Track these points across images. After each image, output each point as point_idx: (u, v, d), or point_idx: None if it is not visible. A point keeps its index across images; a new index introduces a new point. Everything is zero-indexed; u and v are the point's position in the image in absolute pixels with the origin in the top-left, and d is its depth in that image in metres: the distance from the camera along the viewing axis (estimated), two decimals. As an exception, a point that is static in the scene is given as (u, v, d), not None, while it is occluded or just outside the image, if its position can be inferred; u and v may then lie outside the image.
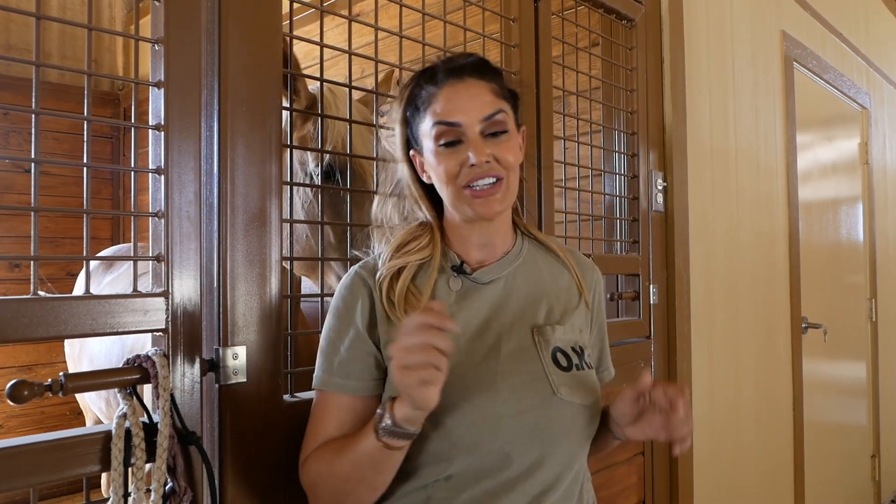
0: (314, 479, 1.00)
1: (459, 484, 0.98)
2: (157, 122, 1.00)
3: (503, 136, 1.02)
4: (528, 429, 0.99)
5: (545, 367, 1.03)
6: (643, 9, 2.01)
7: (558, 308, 1.11)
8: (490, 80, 1.04)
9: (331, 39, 1.29)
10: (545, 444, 1.00)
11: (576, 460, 1.05)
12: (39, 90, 0.91)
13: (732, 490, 2.39)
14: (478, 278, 1.08)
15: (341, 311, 1.05)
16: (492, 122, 1.01)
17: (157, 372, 0.95)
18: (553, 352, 1.05)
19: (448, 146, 1.01)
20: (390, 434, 0.89)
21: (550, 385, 1.01)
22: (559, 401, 1.01)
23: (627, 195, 1.97)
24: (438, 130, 1.01)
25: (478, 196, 1.00)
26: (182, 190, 1.01)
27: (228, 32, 1.05)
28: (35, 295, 0.88)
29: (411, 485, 1.00)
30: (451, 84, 1.02)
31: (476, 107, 1.01)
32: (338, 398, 1.02)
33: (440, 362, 0.82)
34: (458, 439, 0.97)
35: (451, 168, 1.00)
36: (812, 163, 3.23)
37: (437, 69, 1.04)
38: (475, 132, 1.00)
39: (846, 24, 3.60)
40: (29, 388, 0.84)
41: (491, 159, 1.00)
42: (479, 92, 1.02)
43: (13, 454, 0.86)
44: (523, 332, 1.05)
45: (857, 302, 3.73)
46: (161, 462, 0.94)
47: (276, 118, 1.12)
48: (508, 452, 0.98)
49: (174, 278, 0.99)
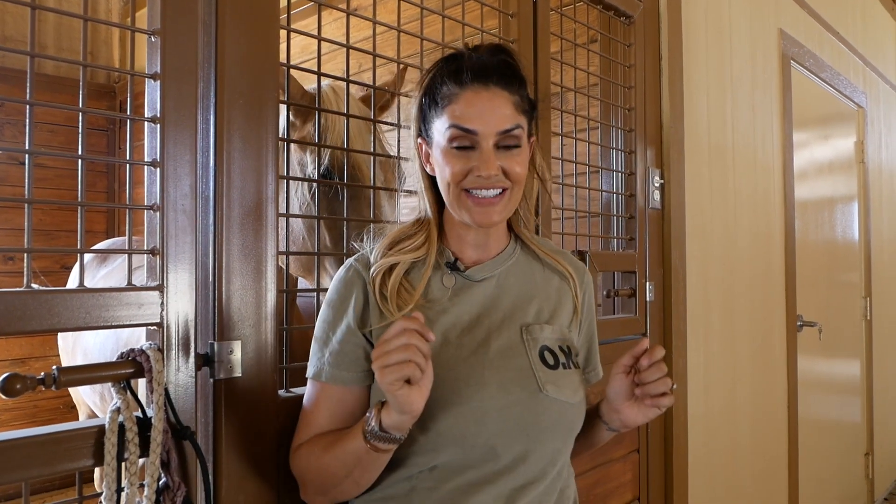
0: (303, 470, 1.02)
1: (444, 475, 1.00)
2: (154, 115, 0.99)
3: (515, 150, 1.03)
4: (513, 423, 1.00)
5: (532, 365, 1.04)
6: (641, 5, 2.01)
7: (548, 308, 1.12)
8: (514, 92, 1.03)
9: (328, 33, 1.28)
10: (530, 438, 1.01)
11: (559, 456, 1.07)
12: (35, 82, 0.90)
13: (727, 487, 2.40)
14: (471, 276, 1.09)
15: (335, 303, 1.06)
16: (508, 136, 1.01)
17: (151, 366, 0.95)
18: (541, 350, 1.06)
19: (460, 149, 1.01)
20: (377, 438, 0.91)
21: (537, 382, 1.03)
22: (545, 397, 1.02)
23: (624, 192, 1.97)
24: (453, 133, 1.01)
25: (479, 204, 1.01)
26: (178, 183, 1.00)
27: (225, 24, 1.04)
28: (29, 288, 0.88)
29: (397, 475, 1.01)
30: (475, 89, 1.01)
31: (495, 119, 1.00)
32: (329, 388, 1.03)
33: (421, 362, 0.85)
34: (445, 431, 0.98)
35: (458, 171, 1.01)
36: (808, 161, 3.24)
37: (463, 66, 1.02)
38: (489, 144, 1.00)
39: (843, 23, 3.60)
40: (21, 381, 0.83)
41: (499, 172, 1.00)
42: (501, 104, 1.01)
43: (5, 448, 0.85)
44: (513, 330, 1.07)
45: (852, 300, 3.74)
46: (155, 457, 0.93)
47: (273, 111, 1.11)
48: (493, 446, 0.99)
49: (169, 272, 0.99)
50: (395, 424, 0.90)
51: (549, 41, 1.68)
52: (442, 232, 1.11)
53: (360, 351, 1.03)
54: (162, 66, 0.99)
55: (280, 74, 1.15)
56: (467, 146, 1.01)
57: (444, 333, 1.04)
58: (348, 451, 0.95)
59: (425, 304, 1.05)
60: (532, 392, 1.02)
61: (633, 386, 1.06)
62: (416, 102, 1.08)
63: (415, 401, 0.86)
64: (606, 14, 1.93)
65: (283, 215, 1.17)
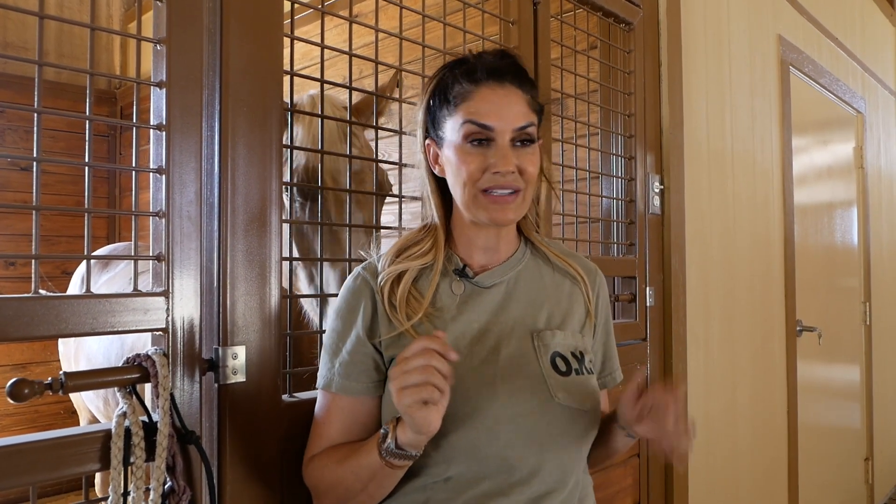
0: (317, 482, 1.02)
1: (459, 486, 0.99)
2: (159, 122, 1.00)
3: (530, 147, 1.02)
4: (525, 433, 0.99)
5: (543, 372, 1.03)
6: (641, 12, 2.02)
7: (559, 313, 1.10)
8: (527, 91, 1.04)
9: (330, 40, 1.29)
10: (543, 448, 1.00)
11: (575, 465, 1.06)
12: (37, 88, 0.91)
13: (727, 491, 2.40)
14: (480, 282, 1.07)
15: (344, 313, 1.05)
16: (523, 132, 1.01)
17: (156, 371, 0.95)
18: (552, 356, 1.05)
19: (476, 146, 1.00)
20: (392, 455, 0.91)
21: (548, 389, 1.02)
22: (557, 405, 1.01)
23: (624, 198, 1.98)
24: (469, 129, 1.00)
25: (495, 202, 1.00)
26: (183, 189, 1.01)
27: (230, 33, 1.05)
28: (36, 293, 0.89)
29: (411, 485, 1.01)
30: (490, 86, 1.01)
31: (512, 115, 1.00)
32: (340, 399, 1.03)
33: (440, 384, 0.83)
34: (456, 442, 0.97)
35: (475, 170, 0.99)
36: (807, 166, 3.25)
37: (476, 66, 1.03)
38: (506, 140, 1.00)
39: (842, 29, 3.62)
40: (29, 386, 0.84)
41: (515, 170, 1.00)
42: (517, 100, 1.02)
43: (12, 452, 0.86)
44: (523, 337, 1.05)
45: (852, 305, 3.75)
46: (160, 461, 0.94)
47: (276, 119, 1.12)
48: (506, 456, 0.98)
49: (174, 278, 1.00)
50: (411, 443, 0.89)
51: (549, 48, 1.69)
52: (449, 237, 1.10)
53: (370, 361, 1.03)
54: (167, 74, 1.00)
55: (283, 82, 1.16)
56: (483, 142, 1.00)
57: (453, 342, 1.02)
58: (363, 466, 0.94)
59: (434, 313, 1.04)
60: (543, 400, 1.01)
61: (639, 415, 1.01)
62: (422, 105, 1.07)
63: (433, 421, 0.85)
64: (606, 21, 1.95)
65: (287, 221, 1.17)
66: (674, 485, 2.05)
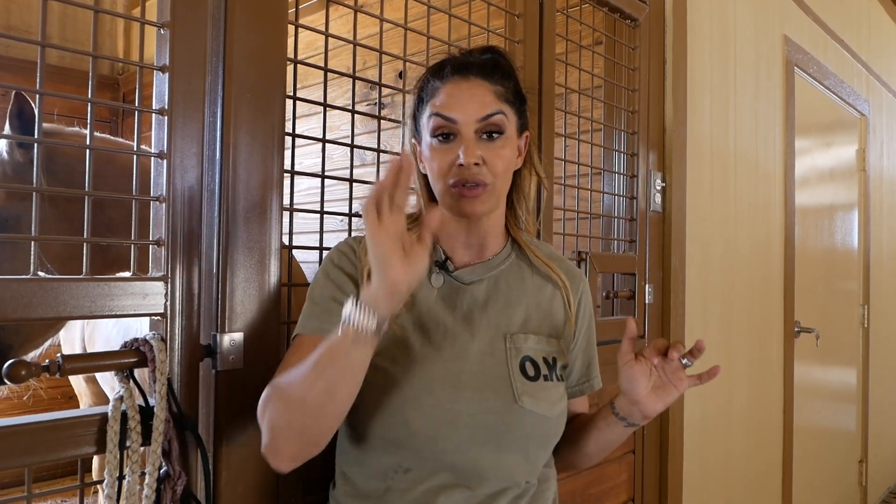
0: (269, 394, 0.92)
1: (418, 476, 1.00)
2: (161, 107, 1.00)
3: (498, 138, 1.02)
4: (485, 430, 1.00)
5: (510, 374, 1.03)
6: (647, 9, 2.02)
7: (537, 317, 1.11)
8: (496, 83, 1.04)
9: (334, 30, 1.29)
10: (501, 447, 1.01)
11: (534, 466, 1.06)
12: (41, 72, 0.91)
13: (721, 491, 2.41)
14: (460, 277, 1.08)
15: (329, 270, 1.05)
16: (488, 122, 1.01)
17: (154, 356, 0.96)
18: (522, 360, 1.05)
19: (442, 141, 1.02)
20: (353, 321, 0.84)
21: (513, 392, 1.02)
22: (519, 408, 1.01)
23: (626, 194, 1.98)
24: (435, 122, 1.02)
25: (463, 195, 1.01)
26: (184, 175, 1.01)
27: (235, 19, 1.05)
28: (35, 275, 0.89)
29: (372, 471, 1.01)
30: (455, 81, 1.03)
31: (475, 106, 1.01)
32: (308, 338, 0.98)
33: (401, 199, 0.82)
34: (417, 430, 0.98)
35: (443, 165, 1.01)
36: (810, 168, 3.24)
37: (446, 64, 1.05)
38: (470, 131, 1.01)
39: (848, 31, 3.61)
40: (27, 367, 0.84)
41: (480, 161, 1.00)
42: (481, 92, 1.02)
43: (8, 433, 0.86)
44: (496, 337, 1.06)
45: (850, 308, 3.75)
46: (156, 445, 0.94)
47: (279, 107, 1.12)
48: (466, 450, 0.99)
49: (174, 263, 1.00)
50: (375, 298, 0.83)
51: (554, 42, 1.69)
52: None
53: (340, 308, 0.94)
54: (171, 59, 0.99)
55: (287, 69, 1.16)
56: (448, 134, 1.01)
57: (426, 332, 1.03)
58: (322, 354, 0.86)
59: (409, 299, 1.02)
60: (507, 402, 1.01)
61: (650, 372, 1.04)
62: (409, 109, 1.10)
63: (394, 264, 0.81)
64: (612, 16, 1.94)
65: (287, 209, 1.17)
66: (668, 482, 2.05)
